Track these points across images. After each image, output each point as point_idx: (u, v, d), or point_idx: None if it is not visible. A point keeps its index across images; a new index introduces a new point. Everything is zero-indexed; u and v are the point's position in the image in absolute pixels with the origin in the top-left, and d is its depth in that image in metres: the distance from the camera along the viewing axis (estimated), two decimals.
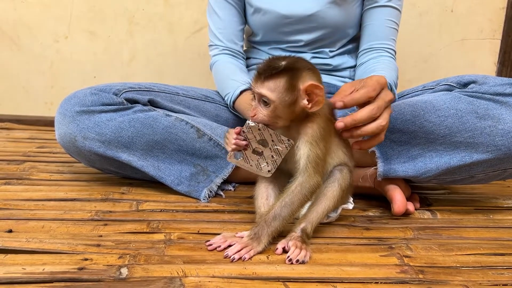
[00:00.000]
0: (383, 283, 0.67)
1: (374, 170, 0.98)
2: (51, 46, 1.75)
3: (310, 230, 0.78)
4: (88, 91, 0.99)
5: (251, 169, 0.82)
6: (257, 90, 0.75)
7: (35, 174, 1.12)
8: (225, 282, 0.65)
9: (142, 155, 0.99)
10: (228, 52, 1.19)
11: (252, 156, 0.81)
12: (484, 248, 0.80)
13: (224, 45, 1.19)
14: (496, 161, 0.89)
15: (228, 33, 1.18)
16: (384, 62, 1.09)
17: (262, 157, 0.80)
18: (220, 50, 1.19)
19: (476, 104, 0.89)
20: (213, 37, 1.20)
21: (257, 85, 0.75)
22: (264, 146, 0.79)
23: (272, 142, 0.79)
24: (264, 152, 0.80)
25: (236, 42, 1.19)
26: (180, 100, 1.10)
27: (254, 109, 0.77)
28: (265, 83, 0.74)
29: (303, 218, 0.79)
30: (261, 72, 0.74)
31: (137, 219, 0.87)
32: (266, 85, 0.74)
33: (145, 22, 1.75)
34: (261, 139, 0.79)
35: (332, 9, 1.11)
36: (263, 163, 0.81)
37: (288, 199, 0.75)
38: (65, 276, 0.65)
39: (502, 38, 1.76)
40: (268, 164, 0.80)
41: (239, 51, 1.20)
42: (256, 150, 0.80)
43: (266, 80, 0.74)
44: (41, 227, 0.81)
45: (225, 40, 1.18)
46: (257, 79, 0.75)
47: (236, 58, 1.20)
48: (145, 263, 0.70)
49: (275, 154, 0.80)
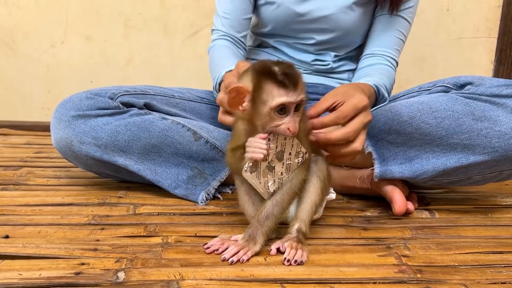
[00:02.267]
0: (381, 283, 0.67)
1: (370, 171, 0.98)
2: (47, 51, 1.75)
3: (305, 228, 0.77)
4: (83, 95, 0.99)
5: (258, 188, 0.75)
6: (296, 100, 0.70)
7: (32, 179, 1.12)
8: (223, 284, 0.65)
9: (138, 159, 0.99)
10: (228, 38, 1.16)
11: (264, 172, 0.74)
12: (482, 247, 0.80)
13: (226, 31, 1.16)
14: (493, 162, 0.89)
15: (232, 19, 1.15)
16: (379, 69, 1.08)
17: (272, 173, 0.75)
18: (220, 35, 1.17)
19: (473, 105, 0.89)
20: (217, 21, 1.18)
21: (293, 96, 0.69)
22: (279, 160, 0.74)
23: (288, 156, 0.74)
24: (275, 168, 0.75)
25: (239, 30, 1.16)
26: (175, 102, 1.10)
27: (290, 122, 0.70)
28: (298, 90, 0.70)
29: (295, 219, 0.78)
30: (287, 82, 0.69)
31: (134, 223, 0.87)
32: (300, 90, 0.70)
33: (141, 25, 1.75)
34: (281, 150, 0.74)
35: (347, 14, 1.10)
36: (270, 181, 0.75)
37: (279, 197, 0.75)
38: (62, 281, 0.64)
39: (499, 37, 1.76)
40: (274, 183, 0.75)
41: (241, 40, 1.18)
42: (270, 165, 0.74)
43: (297, 87, 0.70)
44: (38, 232, 0.81)
45: (228, 26, 1.16)
46: (288, 90, 0.69)
47: (235, 46, 1.17)
48: (142, 267, 0.69)
49: (284, 171, 0.75)
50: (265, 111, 0.70)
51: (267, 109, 0.69)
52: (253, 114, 0.71)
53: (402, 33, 1.12)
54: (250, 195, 0.80)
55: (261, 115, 0.71)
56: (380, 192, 0.98)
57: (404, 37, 1.13)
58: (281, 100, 0.69)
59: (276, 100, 0.69)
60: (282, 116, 0.70)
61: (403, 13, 1.10)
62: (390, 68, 1.10)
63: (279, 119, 0.70)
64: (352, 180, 1.03)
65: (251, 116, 0.72)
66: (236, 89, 0.70)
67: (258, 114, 0.71)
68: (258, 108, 0.70)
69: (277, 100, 0.69)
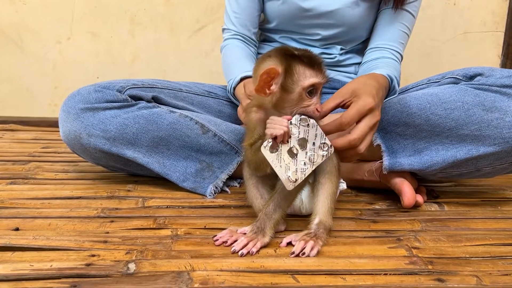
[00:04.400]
0: (392, 274, 0.67)
1: (379, 164, 0.97)
2: (53, 48, 1.76)
3: (327, 221, 0.76)
4: (92, 88, 0.99)
5: (278, 172, 0.72)
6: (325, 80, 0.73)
7: (41, 173, 1.13)
8: (234, 275, 0.65)
9: (147, 152, 0.99)
10: (239, 38, 1.18)
11: (285, 156, 0.72)
12: (493, 239, 0.80)
13: (237, 30, 1.17)
14: (503, 154, 0.88)
15: (243, 18, 1.16)
16: (385, 62, 1.08)
17: (295, 160, 0.72)
18: (232, 35, 1.18)
19: (483, 96, 0.88)
20: (227, 20, 1.19)
21: (322, 76, 0.73)
22: (302, 148, 0.73)
23: (312, 146, 0.73)
24: (298, 156, 0.73)
25: (250, 28, 1.17)
26: (183, 96, 1.10)
27: (318, 103, 0.73)
28: (324, 70, 0.74)
29: (313, 214, 0.77)
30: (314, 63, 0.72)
31: (144, 216, 0.87)
32: (324, 73, 0.74)
33: (147, 22, 1.75)
34: (303, 138, 0.72)
35: (352, 9, 1.10)
36: (292, 168, 0.72)
37: (286, 191, 0.75)
38: (73, 272, 0.65)
39: (506, 31, 1.75)
40: (297, 172, 0.72)
41: (252, 38, 1.19)
42: (292, 151, 0.72)
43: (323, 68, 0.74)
44: (48, 224, 0.81)
45: (238, 25, 1.17)
46: (318, 71, 0.72)
47: (247, 44, 1.18)
48: (152, 258, 0.69)
49: (308, 161, 0.73)
50: (297, 91, 0.72)
51: (299, 89, 0.72)
52: (282, 97, 0.72)
53: (407, 26, 1.12)
54: (258, 188, 0.80)
55: (291, 96, 0.72)
56: (389, 184, 0.98)
57: (408, 31, 1.13)
58: (313, 80, 0.72)
59: (309, 80, 0.72)
60: (311, 97, 0.73)
61: (407, 7, 1.10)
62: (395, 62, 1.10)
63: (308, 99, 0.73)
64: (360, 173, 1.03)
65: (279, 99, 0.73)
66: (266, 71, 0.71)
67: (288, 96, 0.72)
68: (288, 89, 0.72)
69: (310, 80, 0.72)
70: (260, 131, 0.74)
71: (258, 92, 0.72)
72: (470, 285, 0.64)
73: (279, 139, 0.71)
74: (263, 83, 0.71)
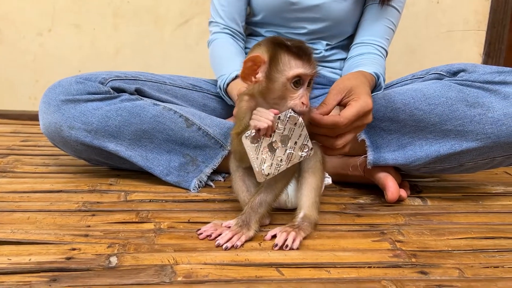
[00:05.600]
0: (376, 267, 0.67)
1: (364, 158, 0.97)
2: (34, 40, 1.72)
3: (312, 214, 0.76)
4: (73, 79, 0.97)
5: (253, 163, 0.72)
6: (312, 72, 0.70)
7: (20, 167, 1.10)
8: (218, 269, 0.64)
9: (129, 145, 0.97)
10: (228, 32, 1.16)
11: (264, 150, 0.71)
12: (475, 232, 0.81)
13: (225, 24, 1.16)
14: (485, 149, 0.90)
15: (231, 11, 1.15)
16: (370, 58, 1.08)
17: (272, 155, 0.72)
18: (221, 29, 1.16)
19: (466, 92, 0.89)
20: (215, 13, 1.18)
21: (309, 68, 0.70)
22: (282, 144, 0.72)
23: (293, 145, 0.72)
24: (277, 152, 0.72)
25: (238, 22, 1.16)
26: (167, 89, 1.09)
27: (303, 96, 0.70)
28: (313, 63, 0.71)
29: (298, 208, 0.77)
30: (303, 54, 0.70)
31: (126, 209, 0.86)
32: (314, 64, 0.71)
33: (131, 14, 1.72)
34: (287, 135, 0.71)
35: (339, 3, 1.10)
36: (268, 162, 0.72)
37: (273, 185, 0.75)
38: (52, 265, 0.63)
39: (487, 30, 1.77)
40: (271, 167, 0.72)
41: (240, 32, 1.18)
42: (272, 145, 0.71)
43: (312, 60, 0.71)
44: (27, 218, 0.79)
45: (226, 19, 1.16)
46: (305, 62, 0.70)
47: (236, 39, 1.17)
48: (135, 252, 0.68)
49: (285, 159, 0.72)
50: (281, 81, 0.69)
51: (283, 79, 0.69)
52: (267, 86, 0.71)
53: (392, 22, 1.12)
54: (245, 181, 0.80)
55: (276, 86, 0.70)
56: (373, 179, 0.98)
57: (394, 27, 1.13)
58: (298, 71, 0.69)
59: (294, 70, 0.69)
60: (297, 89, 0.70)
61: (393, 3, 1.10)
62: (380, 57, 1.10)
63: (293, 91, 0.70)
64: (344, 168, 1.03)
65: (264, 88, 0.71)
66: (251, 58, 0.70)
67: (272, 85, 0.70)
68: (273, 78, 0.70)
69: (295, 70, 0.69)
70: (247, 120, 0.72)
71: (244, 79, 0.72)
72: (452, 277, 0.65)
73: (262, 132, 0.70)
74: (248, 71, 0.70)
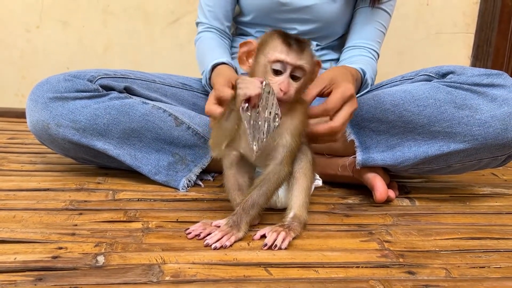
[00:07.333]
0: (364, 267, 0.67)
1: (353, 159, 0.98)
2: (21, 36, 1.69)
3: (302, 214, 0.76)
4: (61, 77, 0.95)
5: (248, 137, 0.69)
6: (295, 62, 0.71)
7: (6, 164, 1.08)
8: (206, 268, 0.64)
9: (118, 144, 0.96)
10: (212, 30, 1.16)
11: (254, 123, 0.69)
12: (461, 233, 0.81)
13: (210, 24, 1.16)
14: (473, 151, 0.91)
15: (217, 12, 1.15)
16: (360, 59, 1.09)
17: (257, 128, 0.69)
18: (205, 28, 1.17)
19: (455, 94, 0.90)
20: (201, 14, 1.18)
21: (293, 57, 0.70)
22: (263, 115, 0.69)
23: (269, 115, 0.68)
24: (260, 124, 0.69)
25: (223, 22, 1.16)
26: (156, 87, 1.08)
27: (283, 82, 0.71)
28: (301, 55, 0.71)
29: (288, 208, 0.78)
30: (293, 44, 0.71)
31: (114, 208, 0.85)
32: (303, 57, 0.72)
33: (120, 11, 1.70)
34: (264, 105, 0.68)
35: (329, 5, 1.10)
36: (256, 136, 0.69)
37: (265, 188, 0.75)
38: (38, 265, 0.62)
39: (476, 32, 1.79)
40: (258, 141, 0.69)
41: (225, 31, 1.18)
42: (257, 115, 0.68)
43: (301, 53, 0.71)
44: (12, 217, 0.78)
45: (211, 18, 1.16)
46: (291, 51, 0.70)
47: (220, 36, 1.17)
48: (122, 251, 0.68)
49: (265, 131, 0.69)
50: (263, 63, 0.72)
51: (265, 61, 0.72)
52: (253, 68, 0.74)
53: (383, 25, 1.13)
54: (237, 179, 0.80)
55: (259, 67, 0.73)
56: (362, 179, 0.98)
57: (385, 29, 1.14)
58: (280, 56, 0.71)
59: (276, 54, 0.71)
60: (277, 76, 0.72)
61: (384, 5, 1.11)
62: (372, 60, 1.11)
63: (272, 77, 0.72)
64: (333, 168, 1.04)
65: (252, 71, 0.75)
66: (244, 42, 0.74)
67: (257, 67, 0.73)
68: (259, 60, 0.73)
69: (276, 55, 0.71)
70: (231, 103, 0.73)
71: (240, 63, 0.76)
72: (439, 277, 0.65)
73: (253, 100, 0.67)
74: (241, 53, 0.75)
